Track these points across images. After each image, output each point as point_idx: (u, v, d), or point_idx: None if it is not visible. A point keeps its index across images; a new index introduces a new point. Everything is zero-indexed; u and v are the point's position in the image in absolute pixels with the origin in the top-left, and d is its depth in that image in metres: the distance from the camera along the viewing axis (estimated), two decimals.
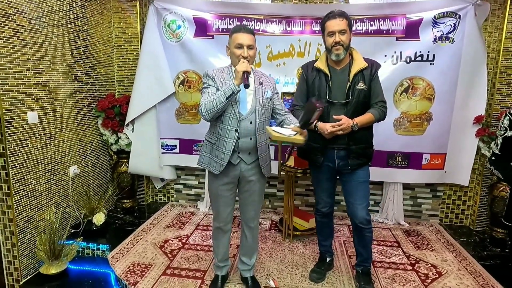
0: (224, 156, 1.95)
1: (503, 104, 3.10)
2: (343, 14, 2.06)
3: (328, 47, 2.09)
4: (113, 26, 3.51)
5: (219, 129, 1.96)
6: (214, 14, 3.22)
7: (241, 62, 1.88)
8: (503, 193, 2.97)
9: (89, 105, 3.19)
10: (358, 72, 2.08)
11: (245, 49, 1.92)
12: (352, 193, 2.18)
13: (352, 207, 2.18)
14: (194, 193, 3.80)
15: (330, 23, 2.05)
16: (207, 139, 2.07)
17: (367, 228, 2.17)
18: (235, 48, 1.93)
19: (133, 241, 2.88)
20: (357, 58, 2.12)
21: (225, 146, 1.95)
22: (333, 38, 2.04)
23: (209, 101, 1.86)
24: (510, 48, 3.02)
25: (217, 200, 2.10)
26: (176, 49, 3.32)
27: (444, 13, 2.95)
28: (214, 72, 1.98)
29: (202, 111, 1.87)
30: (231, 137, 1.94)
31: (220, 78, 1.96)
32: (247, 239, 2.22)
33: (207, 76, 1.97)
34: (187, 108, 3.44)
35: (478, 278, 2.45)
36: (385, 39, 3.05)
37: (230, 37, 1.97)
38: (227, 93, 1.82)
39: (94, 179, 3.29)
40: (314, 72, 2.17)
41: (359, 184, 2.17)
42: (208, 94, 1.93)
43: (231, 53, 1.97)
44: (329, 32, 2.05)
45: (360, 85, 2.08)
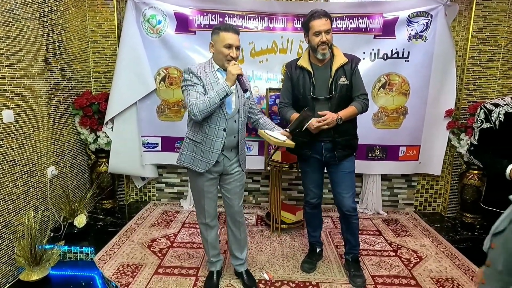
0: (212, 155, 1.97)
1: (470, 99, 3.34)
2: (327, 14, 2.14)
3: (313, 46, 2.15)
4: (88, 20, 3.36)
5: (206, 129, 1.95)
6: (196, 9, 3.19)
7: (233, 64, 1.89)
8: (472, 181, 3.21)
9: (66, 103, 3.05)
10: (339, 67, 2.18)
11: (234, 50, 1.93)
12: (339, 183, 2.28)
13: (339, 197, 2.29)
14: (176, 191, 3.75)
15: (316, 23, 2.10)
16: (189, 137, 2.03)
17: (353, 215, 2.29)
18: (223, 47, 1.91)
19: (119, 242, 2.80)
20: (338, 54, 2.22)
21: (213, 145, 1.96)
22: (319, 38, 2.10)
23: (201, 101, 1.83)
24: (476, 46, 3.26)
25: (202, 196, 2.09)
26: (156, 44, 3.24)
27: (418, 12, 3.12)
28: (198, 70, 1.94)
29: (194, 111, 1.84)
30: (220, 136, 1.96)
31: (205, 76, 1.94)
32: (235, 234, 2.23)
33: (191, 73, 1.92)
34: (169, 105, 3.38)
35: (454, 260, 2.63)
36: (363, 37, 3.17)
37: (216, 35, 1.94)
38: (221, 95, 1.83)
39: (72, 180, 3.15)
40: (298, 70, 2.24)
41: (346, 174, 2.28)
42: (195, 93, 1.89)
43: (217, 51, 1.95)
44: (316, 32, 2.10)
45: (342, 80, 2.18)
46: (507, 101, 1.68)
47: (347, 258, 2.44)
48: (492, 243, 1.02)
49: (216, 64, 2.00)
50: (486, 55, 3.27)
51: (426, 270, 2.49)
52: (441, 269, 2.51)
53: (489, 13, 3.20)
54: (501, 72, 3.27)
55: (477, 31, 3.24)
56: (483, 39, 3.25)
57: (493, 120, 1.69)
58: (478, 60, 3.28)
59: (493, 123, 1.69)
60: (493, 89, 3.32)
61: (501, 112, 1.66)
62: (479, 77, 3.31)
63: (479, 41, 3.25)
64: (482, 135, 1.74)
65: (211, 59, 2.03)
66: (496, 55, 3.27)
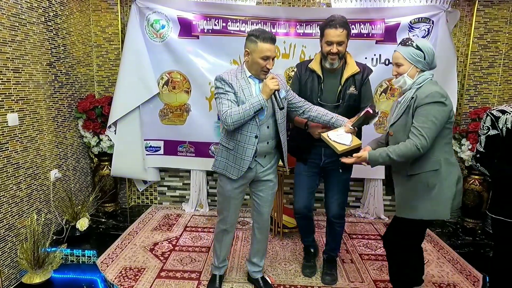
0: (244, 162, 1.97)
1: (471, 104, 3.36)
2: (345, 25, 2.07)
3: (324, 53, 2.13)
4: (92, 24, 3.39)
5: (238, 135, 1.95)
6: (199, 14, 3.22)
7: (271, 78, 1.88)
8: (473, 186, 3.22)
9: (69, 106, 3.06)
10: (349, 76, 2.16)
11: (270, 61, 1.91)
12: (332, 188, 2.30)
13: (328, 201, 2.32)
14: (178, 194, 3.75)
15: (330, 32, 2.06)
16: (223, 144, 2.05)
17: (338, 223, 2.32)
18: (260, 59, 1.87)
19: (121, 246, 2.81)
20: (350, 63, 2.19)
21: (245, 152, 1.96)
22: (330, 48, 2.07)
23: (236, 112, 1.84)
24: (477, 52, 3.28)
25: (228, 203, 2.10)
26: (159, 49, 3.27)
27: (419, 18, 3.15)
28: (229, 77, 1.93)
29: (228, 121, 1.84)
30: (251, 143, 1.95)
31: (236, 83, 1.93)
32: (259, 241, 2.24)
33: (222, 81, 1.92)
34: (172, 109, 3.40)
35: (456, 265, 2.64)
36: (365, 42, 3.20)
37: (253, 43, 1.88)
38: (256, 108, 1.84)
39: (75, 183, 3.16)
40: (308, 73, 2.23)
41: (341, 181, 2.29)
42: (228, 102, 1.89)
43: (253, 61, 1.91)
44: (328, 41, 2.07)
45: (351, 90, 2.17)
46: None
47: (323, 256, 2.49)
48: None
49: (249, 71, 1.98)
50: (487, 61, 3.30)
51: (428, 275, 2.49)
52: (442, 274, 2.51)
53: (490, 20, 3.23)
54: (502, 78, 3.30)
55: (478, 37, 3.26)
56: (484, 45, 3.27)
57: (500, 127, 1.68)
58: (479, 66, 3.31)
59: (500, 130, 1.68)
60: (494, 95, 3.34)
61: (508, 119, 1.66)
62: (480, 82, 3.33)
63: (480, 47, 3.28)
64: (489, 142, 1.73)
65: (243, 65, 2.00)
66: (497, 61, 3.29)
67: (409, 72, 1.76)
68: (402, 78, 1.77)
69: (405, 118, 1.75)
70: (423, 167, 1.73)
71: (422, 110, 1.66)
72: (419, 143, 1.63)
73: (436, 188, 1.72)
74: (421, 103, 1.67)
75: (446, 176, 1.73)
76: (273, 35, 1.91)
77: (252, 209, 2.23)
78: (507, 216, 1.68)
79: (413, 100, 1.71)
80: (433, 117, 1.64)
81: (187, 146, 3.47)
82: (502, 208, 1.71)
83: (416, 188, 1.76)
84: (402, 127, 1.76)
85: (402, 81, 1.78)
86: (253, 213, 2.24)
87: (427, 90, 1.69)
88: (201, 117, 3.38)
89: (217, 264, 2.26)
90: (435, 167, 1.72)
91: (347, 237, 3.10)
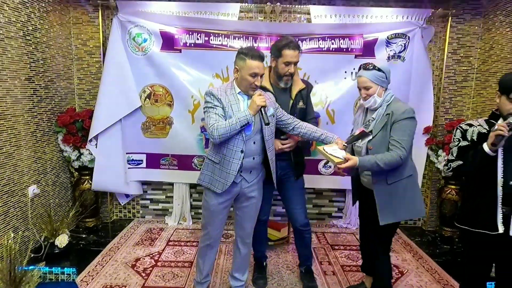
0: (229, 176, 1.99)
1: (446, 116, 3.48)
2: (299, 47, 2.24)
3: (280, 74, 2.23)
4: (73, 37, 3.37)
5: (224, 150, 1.98)
6: (181, 28, 3.24)
7: (258, 94, 1.93)
8: (450, 195, 3.32)
9: (49, 120, 3.02)
10: (298, 92, 2.31)
11: (258, 78, 1.96)
12: (293, 200, 2.41)
13: (293, 212, 2.41)
14: (161, 208, 3.72)
15: (289, 53, 2.16)
16: (209, 158, 2.07)
17: (306, 230, 2.43)
18: (249, 75, 1.92)
19: (101, 262, 2.76)
20: (296, 79, 2.33)
21: (230, 166, 1.98)
22: (288, 68, 2.19)
23: (222, 126, 1.87)
24: (451, 66, 3.42)
25: (213, 218, 2.11)
26: (142, 62, 3.27)
27: (396, 34, 3.26)
28: (218, 92, 1.97)
29: (214, 134, 1.88)
30: (237, 157, 1.98)
31: (225, 98, 1.97)
32: (241, 255, 2.26)
33: (212, 96, 1.96)
34: (154, 122, 3.39)
35: (434, 275, 2.71)
36: (345, 57, 3.28)
37: (242, 60, 1.93)
38: (243, 123, 1.89)
39: (54, 198, 3.11)
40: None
41: (300, 191, 2.43)
42: (216, 116, 1.93)
43: (242, 78, 1.96)
44: (287, 61, 2.17)
45: (300, 104, 2.33)
46: (480, 122, 1.81)
47: (301, 269, 2.56)
48: None
49: (238, 88, 2.02)
50: (461, 75, 3.43)
51: (407, 286, 2.55)
52: (421, 284, 2.57)
53: (462, 35, 3.38)
54: (475, 91, 3.43)
55: (452, 52, 3.40)
56: (458, 60, 3.41)
57: (468, 139, 1.80)
58: (453, 80, 3.44)
59: (469, 141, 1.80)
60: (468, 107, 3.48)
61: (474, 131, 1.79)
62: (454, 95, 3.46)
63: (454, 61, 3.41)
64: (460, 152, 1.83)
65: (233, 82, 2.05)
66: (470, 75, 3.43)
67: (377, 93, 1.95)
68: (373, 98, 1.96)
69: (383, 133, 1.92)
70: (402, 174, 1.94)
71: (400, 124, 1.88)
72: (402, 154, 1.84)
73: (411, 190, 1.98)
74: (398, 119, 1.88)
75: (416, 181, 2.03)
76: (261, 53, 1.98)
77: (235, 223, 2.25)
78: (472, 226, 1.77)
79: (390, 116, 1.91)
80: (409, 130, 1.89)
81: (170, 159, 3.46)
82: (467, 218, 1.80)
83: (396, 194, 1.95)
84: (381, 142, 1.93)
85: (372, 101, 1.97)
86: (236, 227, 2.25)
87: (401, 106, 1.92)
88: (184, 130, 3.38)
89: (199, 280, 2.25)
90: (410, 173, 1.97)
91: (329, 248, 3.13)
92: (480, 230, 1.73)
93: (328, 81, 3.32)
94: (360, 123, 2.09)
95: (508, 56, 2.93)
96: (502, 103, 1.67)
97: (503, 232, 1.67)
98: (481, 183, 1.74)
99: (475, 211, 1.77)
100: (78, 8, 3.33)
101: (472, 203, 1.79)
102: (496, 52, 3.11)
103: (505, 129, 1.54)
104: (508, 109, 1.63)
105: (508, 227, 1.66)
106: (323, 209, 3.75)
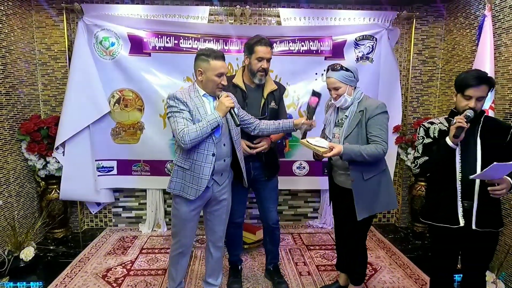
0: (202, 181, 1.95)
1: (414, 115, 3.58)
2: (271, 44, 2.30)
3: (253, 70, 2.26)
4: (36, 42, 3.25)
5: (195, 154, 1.94)
6: (150, 32, 3.19)
7: (225, 96, 1.92)
8: (420, 192, 3.41)
9: (11, 128, 2.89)
10: (270, 92, 2.35)
11: (224, 78, 1.95)
12: (267, 199, 2.44)
13: (266, 211, 2.45)
14: (134, 215, 3.63)
15: (262, 49, 2.22)
16: (178, 164, 2.01)
17: (277, 227, 2.49)
18: (215, 76, 1.91)
19: (70, 274, 2.66)
20: (269, 80, 2.38)
21: (202, 171, 1.95)
22: (261, 64, 2.23)
23: (193, 130, 1.84)
24: (417, 67, 3.53)
25: (184, 225, 2.07)
26: (109, 67, 3.19)
27: (363, 36, 3.33)
28: (183, 95, 1.93)
29: (186, 139, 1.83)
30: (209, 161, 1.95)
31: (191, 101, 1.93)
32: (214, 259, 2.22)
33: (176, 99, 1.90)
34: (124, 128, 3.31)
35: (406, 270, 2.77)
36: (315, 59, 3.32)
37: (205, 62, 1.92)
38: (213, 125, 1.87)
39: (19, 210, 2.97)
40: (231, 88, 2.30)
41: (273, 190, 2.47)
42: (184, 120, 1.88)
43: (208, 79, 1.93)
44: (260, 57, 2.23)
45: (272, 104, 2.37)
46: (441, 120, 1.88)
47: (269, 268, 2.59)
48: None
49: (203, 90, 1.99)
50: (427, 75, 3.55)
51: (380, 282, 2.59)
52: (394, 280, 2.62)
53: (426, 37, 3.50)
54: (440, 90, 3.56)
55: (417, 53, 3.51)
56: (423, 60, 3.53)
57: (431, 136, 1.87)
58: (420, 80, 3.55)
59: (432, 138, 1.86)
60: (434, 106, 3.60)
61: (436, 129, 1.86)
62: (421, 95, 3.58)
63: (420, 62, 3.53)
64: (425, 149, 1.89)
65: (195, 84, 2.01)
66: (435, 74, 3.55)
67: (347, 92, 2.00)
68: (343, 97, 2.02)
69: (358, 130, 1.99)
70: (377, 169, 2.02)
71: (375, 120, 1.96)
72: (384, 148, 1.93)
73: (385, 184, 2.05)
74: (373, 114, 1.96)
75: (388, 174, 2.10)
76: (222, 52, 1.99)
77: (206, 228, 2.22)
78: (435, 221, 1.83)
79: (363, 113, 1.98)
80: (385, 124, 1.98)
81: (141, 165, 3.38)
82: (430, 213, 1.85)
83: (371, 189, 2.02)
84: (356, 138, 1.99)
85: (343, 100, 2.03)
86: (207, 232, 2.22)
87: (373, 102, 2.01)
88: (155, 134, 3.32)
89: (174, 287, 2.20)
90: (383, 167, 2.05)
91: (305, 248, 3.15)
92: (442, 224, 1.79)
93: (300, 83, 3.36)
94: (333, 122, 2.14)
95: (469, 56, 3.05)
96: (458, 101, 1.76)
97: (464, 225, 1.73)
98: (442, 178, 1.80)
99: (437, 206, 1.82)
100: (41, 11, 3.22)
101: (434, 198, 1.85)
102: (458, 53, 3.24)
103: (463, 121, 1.62)
104: (464, 106, 1.71)
105: (469, 220, 1.72)
106: (298, 210, 3.77)
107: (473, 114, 1.67)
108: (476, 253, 1.78)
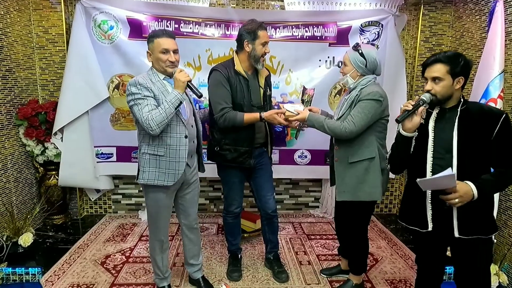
0: (179, 164, 1.93)
1: None
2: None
3: (258, 55, 2.18)
4: (33, 25, 3.17)
5: (168, 139, 1.91)
6: (150, 15, 3.10)
7: (179, 71, 1.89)
8: None
9: (8, 113, 2.84)
10: (264, 80, 2.31)
11: (171, 54, 1.90)
12: (264, 186, 2.39)
13: (264, 199, 2.39)
14: (134, 202, 3.61)
15: (265, 34, 2.18)
16: (149, 153, 1.92)
17: (276, 215, 2.45)
18: (160, 53, 1.89)
19: (69, 260, 2.64)
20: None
21: (178, 155, 1.92)
22: (265, 48, 2.19)
23: (157, 114, 1.79)
24: (424, 54, 3.43)
25: (162, 213, 2.04)
26: (108, 51, 3.11)
27: (369, 22, 3.23)
28: (145, 81, 1.86)
29: (152, 125, 1.78)
30: (183, 144, 1.94)
31: (154, 86, 1.88)
32: (192, 241, 2.22)
33: (139, 85, 1.83)
34: (124, 114, 3.25)
35: (407, 261, 2.74)
36: (319, 45, 3.23)
37: (151, 43, 1.92)
38: (175, 104, 1.82)
39: (17, 195, 2.94)
40: (235, 76, 2.20)
41: (269, 177, 2.43)
42: (148, 106, 1.82)
43: (155, 58, 1.92)
44: (264, 42, 2.18)
45: (268, 92, 2.34)
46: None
47: (269, 257, 2.55)
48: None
49: (159, 72, 1.95)
50: None
51: (381, 272, 2.56)
52: (395, 270, 2.60)
53: (434, 24, 3.39)
54: None
55: (424, 40, 3.42)
56: (430, 48, 3.43)
57: None
58: None
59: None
60: None
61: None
62: None
63: (427, 49, 3.43)
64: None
65: (152, 69, 1.98)
66: None
67: (351, 74, 2.04)
68: (346, 77, 2.06)
69: (349, 112, 2.00)
70: (362, 155, 2.00)
71: (361, 103, 1.94)
72: (347, 127, 1.92)
73: (373, 173, 2.01)
74: (362, 98, 1.95)
75: (378, 165, 2.01)
76: (169, 31, 2.01)
77: (178, 213, 2.19)
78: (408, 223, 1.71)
79: (357, 97, 1.98)
80: (367, 110, 1.92)
81: None
82: (404, 215, 1.74)
83: (356, 174, 2.02)
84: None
85: (345, 79, 2.07)
86: (180, 217, 2.20)
87: (370, 89, 1.97)
88: None
89: (162, 276, 2.19)
90: (371, 155, 2.00)
91: (306, 238, 3.12)
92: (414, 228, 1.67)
93: (303, 70, 3.28)
94: (341, 104, 2.16)
95: (478, 44, 2.96)
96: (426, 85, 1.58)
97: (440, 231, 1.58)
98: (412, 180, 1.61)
99: (409, 208, 1.69)
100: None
101: (407, 200, 1.73)
102: (466, 40, 3.14)
103: (409, 104, 1.54)
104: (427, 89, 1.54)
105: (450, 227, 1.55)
106: (300, 199, 3.74)
107: (430, 98, 1.51)
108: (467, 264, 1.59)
